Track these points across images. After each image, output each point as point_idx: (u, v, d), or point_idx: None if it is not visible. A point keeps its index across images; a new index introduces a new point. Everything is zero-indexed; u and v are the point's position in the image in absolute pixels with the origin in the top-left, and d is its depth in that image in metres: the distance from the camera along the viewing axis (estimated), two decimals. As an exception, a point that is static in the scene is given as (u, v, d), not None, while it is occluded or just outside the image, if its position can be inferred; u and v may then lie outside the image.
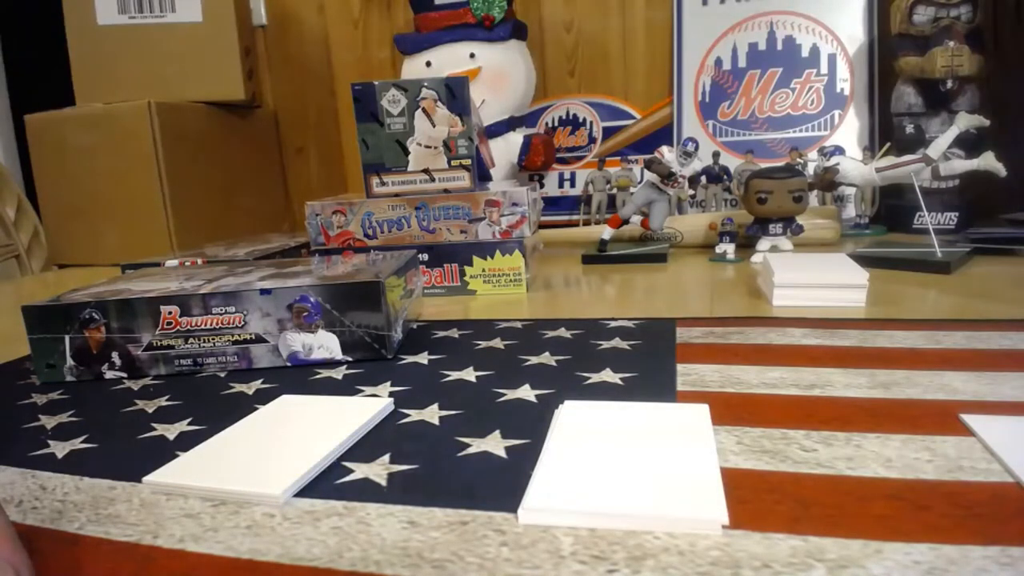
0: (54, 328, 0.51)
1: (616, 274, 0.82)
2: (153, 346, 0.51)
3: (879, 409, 0.37)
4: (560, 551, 0.26)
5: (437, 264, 0.75)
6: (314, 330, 0.51)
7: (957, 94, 0.97)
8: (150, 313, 0.51)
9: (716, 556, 0.25)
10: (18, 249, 1.41)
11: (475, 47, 1.13)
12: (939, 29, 0.96)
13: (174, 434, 0.40)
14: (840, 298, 0.59)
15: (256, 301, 0.50)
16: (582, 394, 0.42)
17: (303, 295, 0.50)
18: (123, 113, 1.10)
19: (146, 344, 0.51)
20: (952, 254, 0.73)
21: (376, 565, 0.25)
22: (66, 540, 0.29)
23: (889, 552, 0.24)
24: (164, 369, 0.52)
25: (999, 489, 0.28)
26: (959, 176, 0.93)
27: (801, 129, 1.13)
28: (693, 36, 1.20)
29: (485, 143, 0.93)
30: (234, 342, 0.51)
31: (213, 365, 0.51)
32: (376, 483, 0.32)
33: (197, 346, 0.51)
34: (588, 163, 1.24)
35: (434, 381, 0.46)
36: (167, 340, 0.51)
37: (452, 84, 0.74)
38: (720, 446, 0.33)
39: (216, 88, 1.20)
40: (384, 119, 0.75)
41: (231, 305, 0.51)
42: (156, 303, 0.51)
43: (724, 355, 0.47)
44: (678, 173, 0.88)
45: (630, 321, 0.58)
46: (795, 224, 0.82)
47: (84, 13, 1.16)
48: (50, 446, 0.39)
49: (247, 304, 0.51)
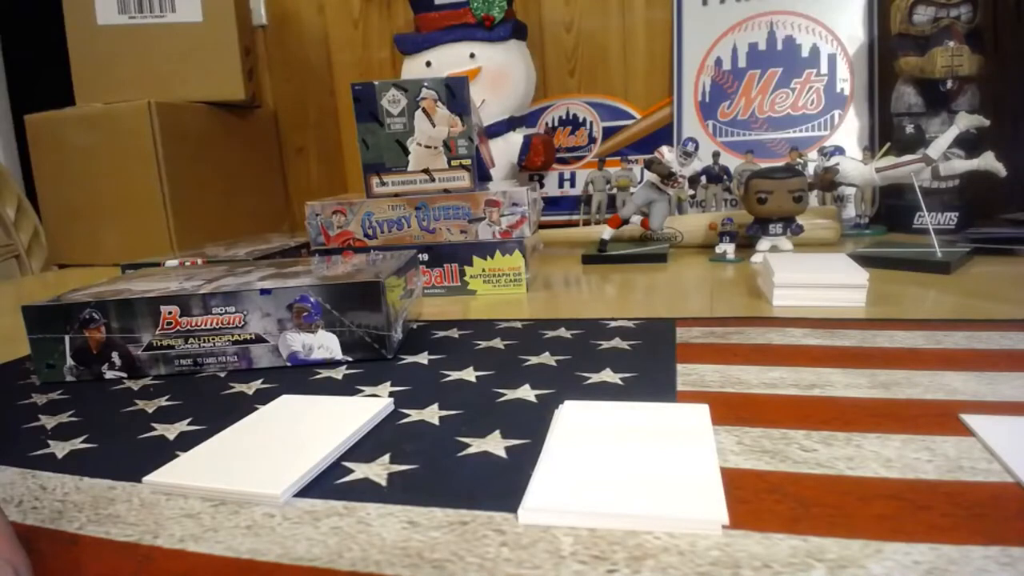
0: (54, 328, 0.51)
1: (616, 274, 0.82)
2: (153, 346, 0.51)
3: (879, 409, 0.37)
4: (560, 551, 0.26)
5: (437, 264, 0.75)
6: (314, 330, 0.51)
7: (957, 94, 0.97)
8: (150, 313, 0.51)
9: (716, 556, 0.25)
10: (18, 249, 1.41)
11: (475, 47, 1.13)
12: (939, 29, 0.96)
13: (174, 434, 0.40)
14: (840, 298, 0.59)
15: (256, 301, 0.50)
16: (582, 394, 0.42)
17: (303, 295, 0.50)
18: (123, 113, 1.10)
19: (146, 344, 0.51)
20: (952, 254, 0.73)
21: (376, 565, 0.25)
22: (66, 540, 0.29)
23: (889, 552, 0.24)
24: (164, 369, 0.51)
25: (999, 489, 0.28)
26: (959, 176, 0.93)
27: (801, 129, 1.13)
28: (693, 36, 1.20)
29: (485, 143, 0.93)
30: (234, 342, 0.51)
31: (213, 365, 0.51)
32: (376, 483, 0.32)
33: (197, 346, 0.51)
34: (588, 163, 1.24)
35: (434, 381, 0.46)
36: (167, 340, 0.51)
37: (452, 84, 0.74)
38: (720, 446, 0.33)
39: (216, 88, 1.20)
40: (384, 119, 0.75)
41: (231, 305, 0.51)
42: (156, 303, 0.51)
43: (724, 355, 0.47)
44: (678, 173, 0.88)
45: (630, 321, 0.58)
46: (795, 224, 0.82)
47: (84, 13, 1.16)
48: (50, 446, 0.39)
49: (247, 304, 0.51)
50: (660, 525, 0.27)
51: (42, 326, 0.51)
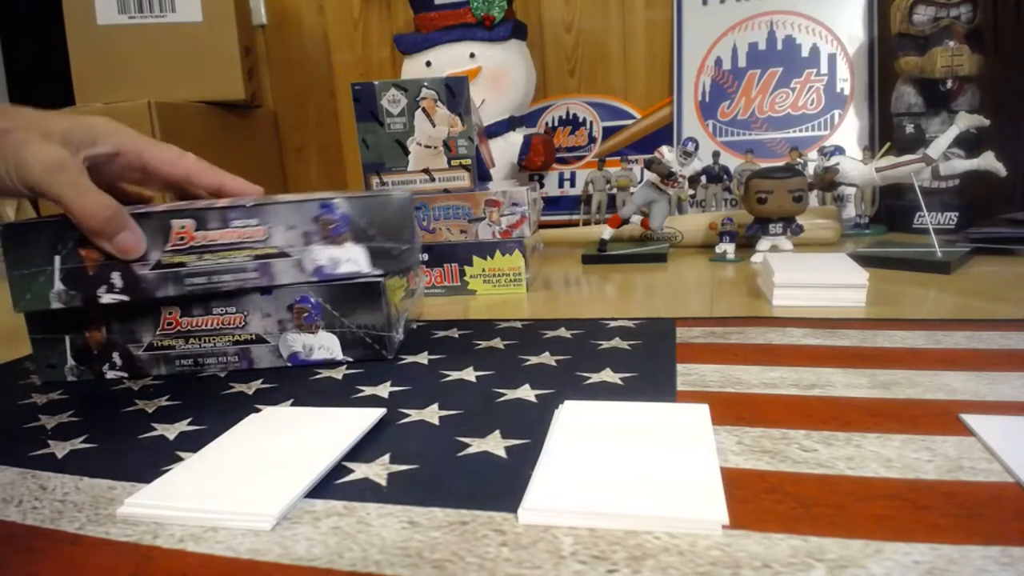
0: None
1: (616, 274, 0.82)
2: (154, 346, 0.51)
3: (879, 409, 0.37)
4: (560, 551, 0.26)
5: (437, 264, 0.75)
6: (315, 330, 0.51)
7: (957, 94, 0.97)
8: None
9: (716, 556, 0.25)
10: (18, 249, 1.41)
11: (475, 47, 1.13)
12: (939, 29, 0.97)
13: (174, 434, 0.40)
14: (840, 298, 0.59)
15: (257, 301, 0.50)
16: (582, 394, 0.42)
17: (303, 295, 0.50)
18: (123, 113, 1.10)
19: (147, 344, 0.51)
20: (952, 254, 0.73)
21: (376, 565, 0.25)
22: (66, 540, 0.29)
23: (889, 552, 0.24)
24: (165, 369, 0.51)
25: (999, 489, 0.28)
26: (959, 176, 0.93)
27: (801, 129, 1.13)
28: (693, 36, 1.20)
29: (485, 143, 0.93)
30: (235, 342, 0.51)
31: (214, 365, 0.52)
32: (376, 483, 0.32)
33: (198, 346, 0.51)
34: (588, 163, 1.24)
35: (434, 381, 0.46)
36: (168, 340, 0.51)
37: (452, 84, 0.74)
38: (720, 446, 0.33)
39: (216, 88, 1.20)
40: (384, 119, 0.75)
41: (231, 305, 0.51)
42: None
43: (724, 355, 0.47)
44: (678, 173, 0.88)
45: (630, 321, 0.58)
46: (795, 224, 0.82)
47: (84, 13, 1.16)
48: (50, 446, 0.39)
49: (248, 304, 0.51)
50: (660, 525, 0.27)
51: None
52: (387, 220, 0.50)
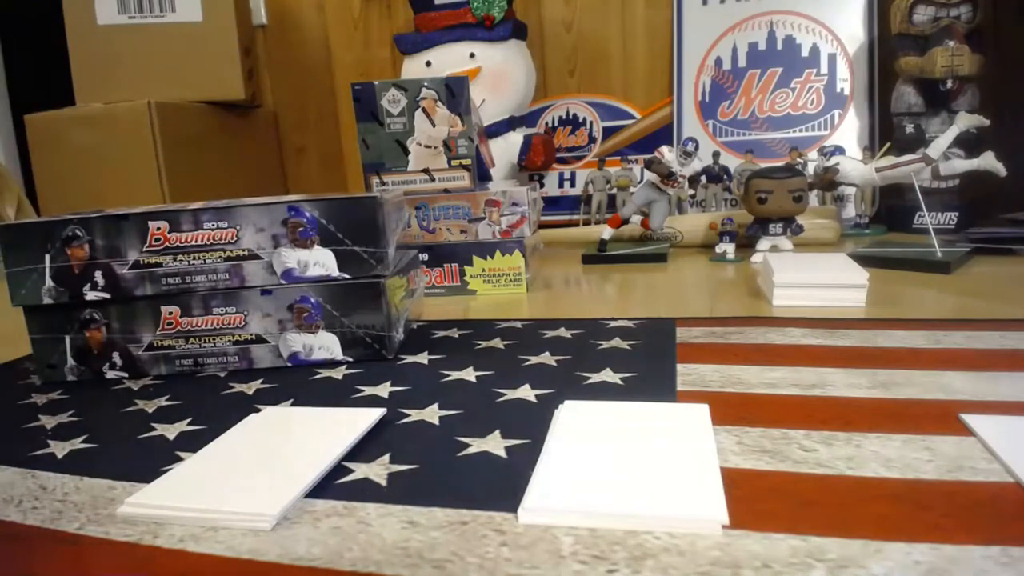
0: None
1: (616, 274, 0.82)
2: (154, 346, 0.51)
3: (879, 409, 0.37)
4: (560, 551, 0.26)
5: (437, 264, 0.75)
6: (315, 330, 0.51)
7: (957, 94, 0.97)
8: (150, 312, 0.50)
9: (716, 556, 0.25)
10: (18, 249, 1.41)
11: (475, 47, 1.13)
12: (939, 29, 0.96)
13: (174, 434, 0.40)
14: (840, 298, 0.59)
15: (257, 301, 0.50)
16: (582, 394, 0.42)
17: (304, 295, 0.50)
18: (123, 113, 1.10)
19: (147, 344, 0.51)
20: (952, 254, 0.73)
21: (376, 565, 0.25)
22: (66, 540, 0.29)
23: (889, 552, 0.24)
24: (165, 369, 0.51)
25: (999, 489, 0.28)
26: (959, 176, 0.93)
27: (801, 129, 1.13)
28: (693, 36, 1.20)
29: (485, 143, 0.93)
30: (235, 342, 0.51)
31: (214, 365, 0.51)
32: (376, 483, 0.32)
33: (198, 346, 0.51)
34: (588, 163, 1.24)
35: (434, 381, 0.46)
36: (168, 340, 0.51)
37: (452, 84, 0.74)
38: (720, 446, 0.33)
39: (216, 88, 1.20)
40: (384, 119, 0.75)
41: (232, 305, 0.51)
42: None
43: (724, 355, 0.47)
44: (678, 173, 0.88)
45: (630, 321, 0.58)
46: (795, 224, 0.82)
47: (84, 13, 1.16)
48: (50, 446, 0.39)
49: (248, 304, 0.51)
50: (660, 525, 0.27)
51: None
52: (357, 223, 0.50)
